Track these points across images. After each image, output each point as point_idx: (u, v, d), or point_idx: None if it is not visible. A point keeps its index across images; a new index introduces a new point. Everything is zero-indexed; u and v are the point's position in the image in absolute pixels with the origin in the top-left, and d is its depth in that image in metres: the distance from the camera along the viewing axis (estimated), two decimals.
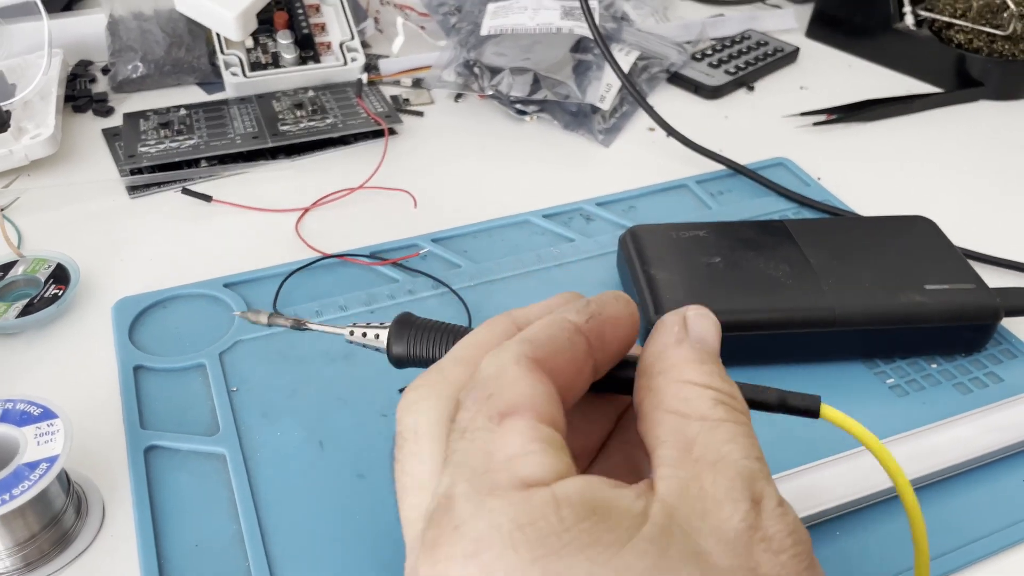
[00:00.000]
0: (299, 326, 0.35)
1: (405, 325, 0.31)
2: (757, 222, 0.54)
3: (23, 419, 0.37)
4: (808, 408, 0.27)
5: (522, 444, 0.22)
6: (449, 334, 0.31)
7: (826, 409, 0.28)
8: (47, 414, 0.37)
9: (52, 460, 0.36)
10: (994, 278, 0.56)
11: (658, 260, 0.50)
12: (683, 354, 0.25)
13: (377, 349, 0.32)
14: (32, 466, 0.35)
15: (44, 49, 0.69)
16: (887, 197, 0.65)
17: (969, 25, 0.79)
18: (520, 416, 0.23)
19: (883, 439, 0.43)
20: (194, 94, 0.76)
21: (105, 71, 0.79)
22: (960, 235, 0.57)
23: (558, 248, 0.57)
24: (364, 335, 0.32)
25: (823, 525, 0.40)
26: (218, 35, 0.75)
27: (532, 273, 0.55)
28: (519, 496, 0.21)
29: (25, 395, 0.38)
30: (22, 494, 0.34)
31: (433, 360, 0.30)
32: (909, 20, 0.83)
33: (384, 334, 0.32)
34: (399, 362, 0.31)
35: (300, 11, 0.78)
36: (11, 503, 0.34)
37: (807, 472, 0.41)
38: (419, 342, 0.31)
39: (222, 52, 0.75)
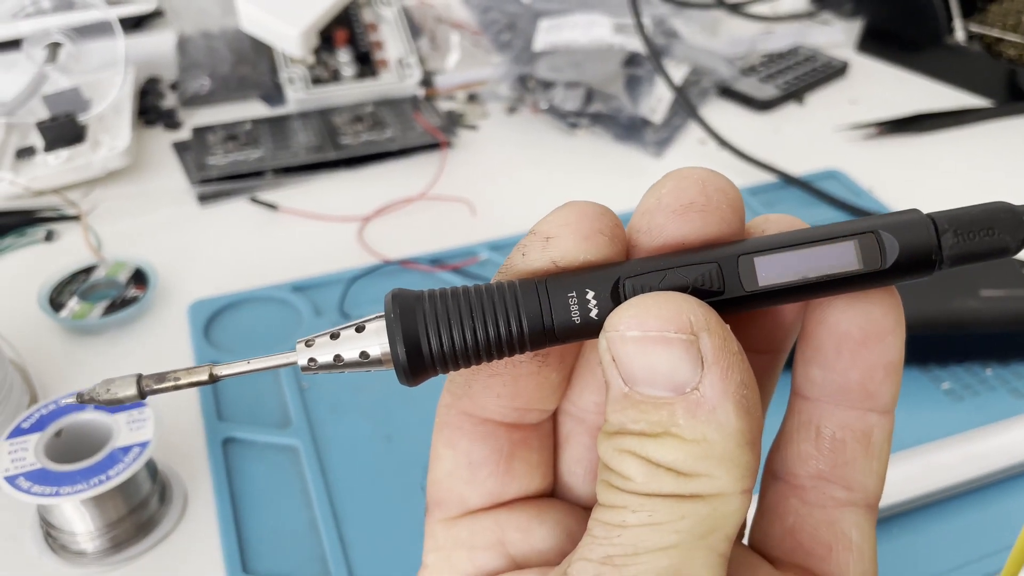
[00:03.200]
0: (202, 382, 0.19)
1: (409, 308, 0.18)
2: None
3: (115, 407, 0.39)
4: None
5: (427, 552, 0.21)
6: (492, 295, 0.18)
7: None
8: (137, 403, 0.40)
9: (144, 445, 0.38)
10: None
11: None
12: (608, 409, 0.17)
13: (368, 369, 0.19)
14: (125, 450, 0.37)
15: (118, 66, 0.72)
16: (940, 208, 0.65)
17: (1020, 40, 0.79)
18: (430, 516, 0.21)
19: (943, 440, 0.44)
20: (258, 109, 0.79)
21: (173, 87, 0.82)
22: None
23: None
24: (337, 359, 0.18)
25: (882, 523, 0.41)
26: (281, 52, 0.78)
27: None
28: None
29: None
30: (117, 475, 0.36)
31: (474, 354, 0.18)
32: (959, 35, 0.84)
33: (374, 336, 0.18)
34: (418, 369, 0.18)
35: (359, 29, 0.81)
36: (107, 483, 0.36)
37: None
38: (447, 325, 0.18)
39: (285, 68, 0.78)
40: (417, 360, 0.18)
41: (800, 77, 0.82)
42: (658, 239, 0.18)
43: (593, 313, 0.18)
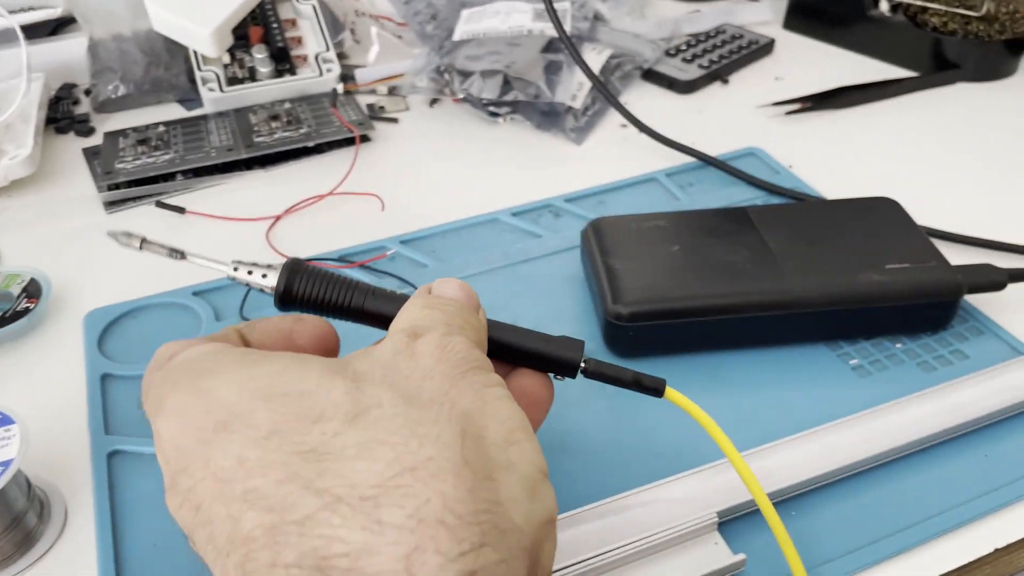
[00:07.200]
0: (175, 255, 0.34)
1: (296, 271, 0.32)
2: (719, 210, 0.54)
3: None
4: (655, 388, 0.32)
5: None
6: (340, 282, 0.32)
7: (670, 391, 0.33)
8: (4, 420, 0.38)
9: (7, 464, 0.36)
10: (963, 257, 0.55)
11: (618, 251, 0.50)
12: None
13: (263, 289, 0.33)
14: None
15: (21, 73, 0.70)
16: (859, 182, 0.64)
17: (943, 8, 0.79)
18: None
19: (845, 418, 0.43)
20: (174, 111, 0.77)
21: (88, 93, 0.80)
22: (931, 216, 0.57)
23: (525, 244, 0.58)
24: (250, 273, 0.33)
25: (790, 502, 0.40)
26: (195, 52, 0.76)
27: (498, 270, 0.56)
28: None
29: None
30: None
31: (322, 302, 0.32)
32: (884, 6, 0.83)
33: (272, 275, 0.32)
34: (285, 301, 0.32)
35: (275, 25, 0.79)
36: None
37: (763, 454, 0.41)
38: (311, 285, 0.32)
39: (199, 69, 0.76)
40: (287, 294, 0.32)
41: (725, 56, 0.81)
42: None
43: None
